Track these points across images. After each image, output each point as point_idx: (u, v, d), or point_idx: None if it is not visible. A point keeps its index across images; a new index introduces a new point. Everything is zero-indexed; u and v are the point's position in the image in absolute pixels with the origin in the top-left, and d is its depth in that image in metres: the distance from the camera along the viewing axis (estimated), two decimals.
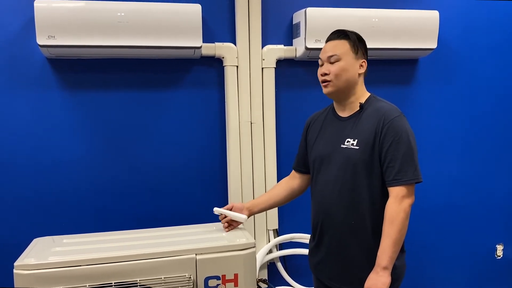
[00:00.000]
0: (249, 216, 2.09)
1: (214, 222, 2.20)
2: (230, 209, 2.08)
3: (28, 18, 2.43)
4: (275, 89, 2.78)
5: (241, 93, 2.71)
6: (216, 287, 1.89)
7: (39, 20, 2.28)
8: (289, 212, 2.89)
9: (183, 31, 2.45)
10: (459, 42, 3.06)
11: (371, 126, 1.79)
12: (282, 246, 2.90)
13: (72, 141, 2.58)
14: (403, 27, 2.74)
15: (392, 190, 1.75)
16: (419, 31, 2.77)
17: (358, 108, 1.86)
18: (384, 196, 1.78)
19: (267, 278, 2.83)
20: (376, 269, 1.72)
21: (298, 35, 2.71)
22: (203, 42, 2.54)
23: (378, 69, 2.90)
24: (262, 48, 2.73)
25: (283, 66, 2.80)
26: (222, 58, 2.68)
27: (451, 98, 3.10)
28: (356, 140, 1.80)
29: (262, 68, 2.73)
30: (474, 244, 3.24)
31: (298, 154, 2.12)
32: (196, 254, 1.88)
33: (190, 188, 2.75)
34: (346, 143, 1.82)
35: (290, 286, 2.90)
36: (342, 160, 1.82)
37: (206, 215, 2.60)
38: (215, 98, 2.75)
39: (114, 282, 1.78)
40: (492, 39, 3.11)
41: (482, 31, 3.09)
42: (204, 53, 2.62)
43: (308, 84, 2.83)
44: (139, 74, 2.64)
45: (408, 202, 1.73)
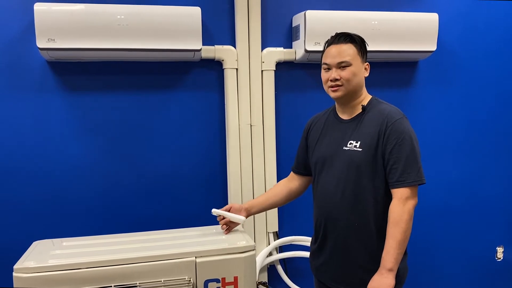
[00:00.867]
0: (247, 216, 2.09)
1: (214, 224, 2.20)
2: (229, 210, 2.07)
3: (28, 21, 2.43)
4: (275, 91, 2.78)
5: (241, 95, 2.71)
6: None
7: (39, 23, 2.29)
8: (289, 214, 2.89)
9: (183, 34, 2.45)
10: (459, 44, 3.07)
11: (374, 128, 1.79)
12: (282, 249, 2.89)
13: (72, 144, 2.58)
14: (403, 30, 2.74)
15: (395, 191, 1.75)
16: (419, 34, 2.77)
17: (360, 110, 1.86)
18: (387, 197, 1.79)
19: (267, 281, 2.83)
20: (380, 270, 1.72)
21: (297, 38, 2.72)
22: (203, 45, 2.54)
23: (377, 71, 2.89)
24: (261, 50, 2.73)
25: (283, 68, 2.81)
26: (222, 60, 2.69)
27: (451, 101, 3.10)
28: (359, 142, 1.81)
29: (262, 70, 2.74)
30: (475, 246, 3.24)
31: (298, 156, 2.12)
32: (196, 257, 1.88)
33: (189, 191, 2.75)
34: (348, 145, 1.83)
35: None
36: (345, 162, 1.82)
37: (206, 218, 2.59)
38: (215, 100, 2.75)
39: (114, 285, 1.78)
40: (491, 42, 3.11)
41: (482, 34, 3.10)
42: (203, 55, 2.63)
43: (307, 86, 2.84)
44: (139, 77, 2.64)
45: (412, 203, 1.74)
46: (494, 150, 3.20)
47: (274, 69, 2.76)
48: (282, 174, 2.75)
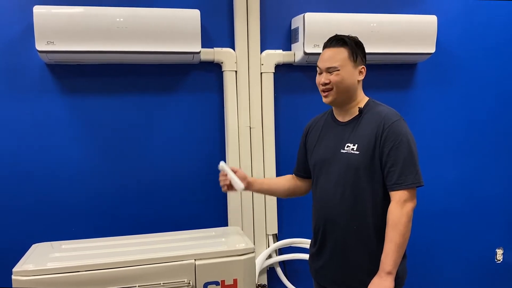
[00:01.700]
0: (246, 188, 2.02)
1: (213, 227, 2.20)
2: (235, 172, 2.01)
3: (27, 24, 2.43)
4: (274, 93, 2.78)
5: (240, 98, 2.71)
6: None
7: (38, 26, 2.29)
8: (288, 216, 2.89)
9: (182, 37, 2.46)
10: (458, 46, 3.07)
11: (371, 131, 1.79)
12: (281, 251, 2.89)
13: (71, 146, 2.57)
14: (402, 32, 2.74)
15: (394, 194, 1.75)
16: (418, 36, 2.77)
17: (357, 113, 1.86)
18: (386, 200, 1.78)
19: (267, 283, 2.82)
20: (380, 273, 1.72)
21: (296, 40, 2.72)
22: (202, 47, 2.54)
23: (376, 73, 2.90)
24: (261, 53, 2.73)
25: (282, 71, 2.81)
26: (221, 63, 2.69)
27: (450, 103, 3.10)
28: (356, 145, 1.80)
29: (261, 73, 2.74)
30: (474, 248, 3.23)
31: (298, 159, 2.12)
32: (195, 260, 1.88)
33: (189, 193, 2.75)
34: (346, 148, 1.82)
35: None
36: (343, 165, 1.82)
37: (205, 220, 2.60)
38: (214, 103, 2.75)
39: None
40: (490, 43, 3.12)
41: (480, 35, 3.10)
42: (203, 58, 2.63)
43: (307, 88, 2.84)
44: (138, 79, 2.64)
45: (410, 206, 1.73)
46: (493, 152, 3.20)
47: (273, 71, 2.76)
48: (281, 176, 2.74)
